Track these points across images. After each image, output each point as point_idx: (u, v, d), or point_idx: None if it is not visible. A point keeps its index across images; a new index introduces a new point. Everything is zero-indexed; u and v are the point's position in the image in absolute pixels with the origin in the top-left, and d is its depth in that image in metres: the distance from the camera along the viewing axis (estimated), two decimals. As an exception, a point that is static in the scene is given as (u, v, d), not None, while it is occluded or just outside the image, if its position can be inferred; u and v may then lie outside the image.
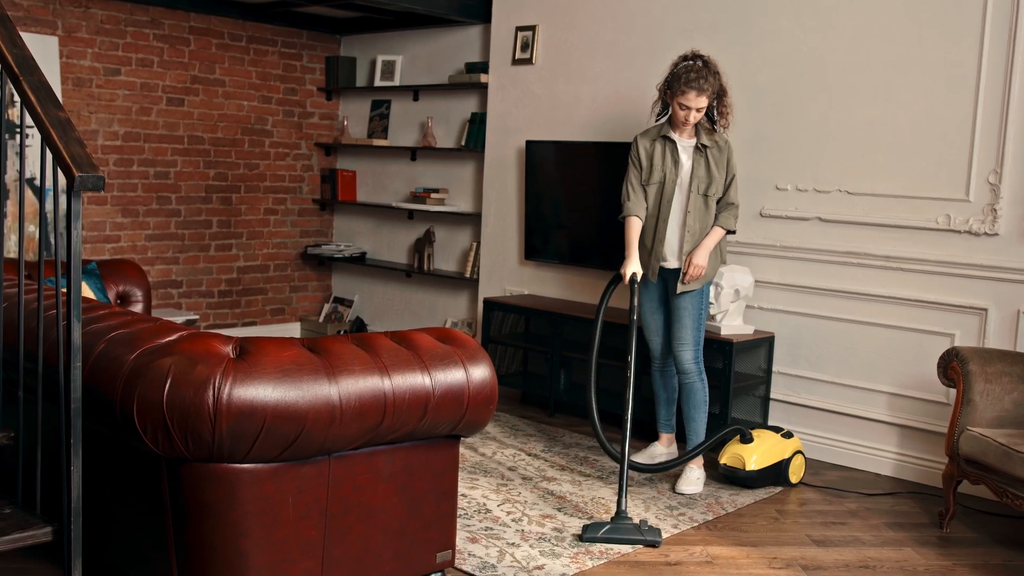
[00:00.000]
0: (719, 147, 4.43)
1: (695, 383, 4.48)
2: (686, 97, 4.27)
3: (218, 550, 2.59)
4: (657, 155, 4.45)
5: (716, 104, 4.40)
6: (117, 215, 6.45)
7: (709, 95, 4.30)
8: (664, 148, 4.44)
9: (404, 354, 2.82)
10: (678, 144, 4.42)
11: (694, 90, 4.26)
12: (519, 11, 6.17)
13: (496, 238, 6.38)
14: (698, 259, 4.38)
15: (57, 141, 2.43)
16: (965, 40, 4.44)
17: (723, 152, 4.43)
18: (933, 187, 4.59)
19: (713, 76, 4.32)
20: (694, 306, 4.47)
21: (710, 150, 4.40)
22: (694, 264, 4.37)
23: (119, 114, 6.37)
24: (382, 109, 7.27)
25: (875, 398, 4.79)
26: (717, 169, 4.40)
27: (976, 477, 3.85)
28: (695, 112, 4.31)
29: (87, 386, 2.58)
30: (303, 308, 7.62)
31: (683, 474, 4.46)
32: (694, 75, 4.27)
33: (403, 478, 2.92)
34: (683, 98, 4.28)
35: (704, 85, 4.27)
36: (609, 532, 3.73)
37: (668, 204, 4.42)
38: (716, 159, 4.41)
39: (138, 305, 4.61)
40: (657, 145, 4.46)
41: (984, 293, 4.45)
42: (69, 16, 6.06)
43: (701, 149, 4.40)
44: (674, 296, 4.47)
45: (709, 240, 4.42)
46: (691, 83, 4.26)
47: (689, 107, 4.29)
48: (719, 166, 4.41)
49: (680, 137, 4.43)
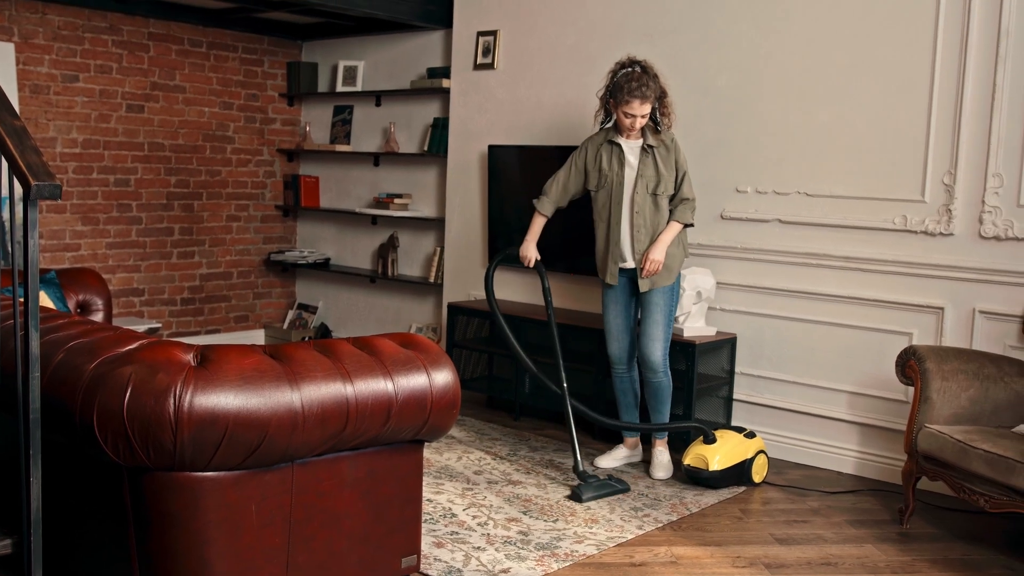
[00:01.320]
0: (666, 146, 4.50)
1: (663, 381, 4.58)
2: (630, 106, 4.36)
3: (181, 559, 2.57)
4: (604, 161, 4.53)
5: (658, 106, 4.47)
6: (77, 223, 6.39)
7: (652, 100, 4.39)
8: (611, 152, 4.52)
9: (366, 360, 2.82)
10: (624, 147, 4.50)
11: (638, 98, 4.35)
12: (480, 16, 6.19)
13: (460, 243, 6.39)
14: (653, 254, 4.45)
15: (12, 149, 2.41)
16: (918, 43, 4.52)
17: (671, 151, 4.50)
18: (890, 188, 4.65)
19: (653, 81, 4.41)
20: (665, 302, 4.54)
21: (657, 149, 4.47)
22: (650, 259, 4.44)
23: (78, 121, 6.31)
24: (344, 115, 7.26)
25: (836, 397, 4.85)
26: (665, 168, 4.47)
27: (935, 473, 3.91)
28: (640, 118, 4.39)
29: (46, 396, 2.56)
30: (267, 315, 7.58)
31: (653, 460, 4.63)
32: (636, 84, 4.35)
33: (367, 484, 2.92)
34: (627, 107, 4.37)
35: (647, 92, 4.36)
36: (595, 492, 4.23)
37: (619, 207, 4.50)
38: (663, 158, 4.47)
39: (99, 314, 4.57)
40: (603, 151, 4.54)
41: (940, 292, 4.52)
42: (25, 22, 6.00)
43: (648, 150, 4.47)
44: (641, 293, 4.53)
45: (666, 235, 4.49)
46: (634, 92, 4.35)
47: (634, 115, 4.37)
48: (667, 164, 4.48)
49: (626, 140, 4.50)
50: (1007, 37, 4.30)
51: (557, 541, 3.75)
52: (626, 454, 4.76)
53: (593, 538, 3.80)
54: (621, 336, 4.66)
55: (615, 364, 4.70)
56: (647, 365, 4.57)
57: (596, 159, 4.56)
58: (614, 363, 4.70)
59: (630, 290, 4.61)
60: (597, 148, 4.57)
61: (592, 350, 5.24)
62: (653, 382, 4.59)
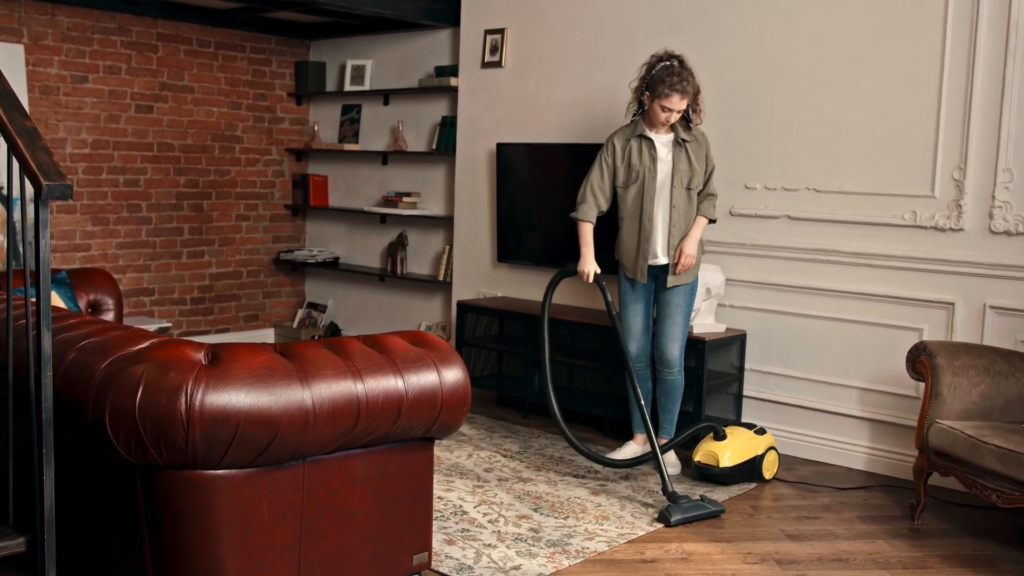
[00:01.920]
0: (698, 140, 4.52)
1: (677, 378, 4.60)
2: (670, 100, 4.33)
3: (194, 557, 2.58)
4: (634, 155, 4.50)
5: (691, 101, 4.46)
6: (87, 224, 6.41)
7: (690, 96, 4.38)
8: (642, 147, 4.49)
9: (376, 358, 2.83)
10: (655, 141, 4.47)
11: (678, 93, 4.32)
12: (488, 14, 6.19)
13: (469, 241, 6.39)
14: (688, 248, 4.47)
15: (24, 150, 2.42)
16: (927, 37, 4.50)
17: (702, 145, 4.53)
18: (899, 184, 4.64)
19: (691, 76, 4.39)
20: (685, 301, 4.56)
21: (689, 144, 4.47)
22: (685, 254, 4.46)
23: (87, 122, 6.34)
24: (352, 114, 7.27)
25: (846, 393, 4.84)
26: (697, 162, 4.49)
27: (946, 469, 3.90)
28: (676, 113, 4.38)
29: (58, 395, 2.57)
30: (277, 314, 7.59)
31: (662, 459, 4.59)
32: (676, 78, 4.32)
33: (378, 481, 2.93)
34: (666, 101, 4.33)
35: (687, 87, 4.34)
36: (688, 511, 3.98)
37: (651, 202, 4.48)
38: (695, 152, 4.49)
39: (110, 314, 4.59)
40: (633, 144, 4.50)
41: (951, 287, 4.51)
42: (35, 24, 6.02)
43: (681, 144, 4.47)
44: (663, 291, 4.54)
45: (696, 230, 4.52)
46: (675, 86, 4.31)
47: (672, 109, 4.35)
48: (699, 159, 4.50)
49: (657, 134, 4.48)
50: (1016, 31, 4.28)
51: (568, 538, 3.75)
52: (635, 450, 4.76)
53: (604, 535, 3.81)
54: (641, 335, 4.64)
55: (634, 362, 4.64)
56: (663, 362, 4.58)
57: (625, 154, 4.52)
58: (633, 361, 4.63)
59: (651, 288, 4.61)
60: (625, 143, 4.53)
61: (602, 348, 5.23)
62: (667, 379, 4.60)
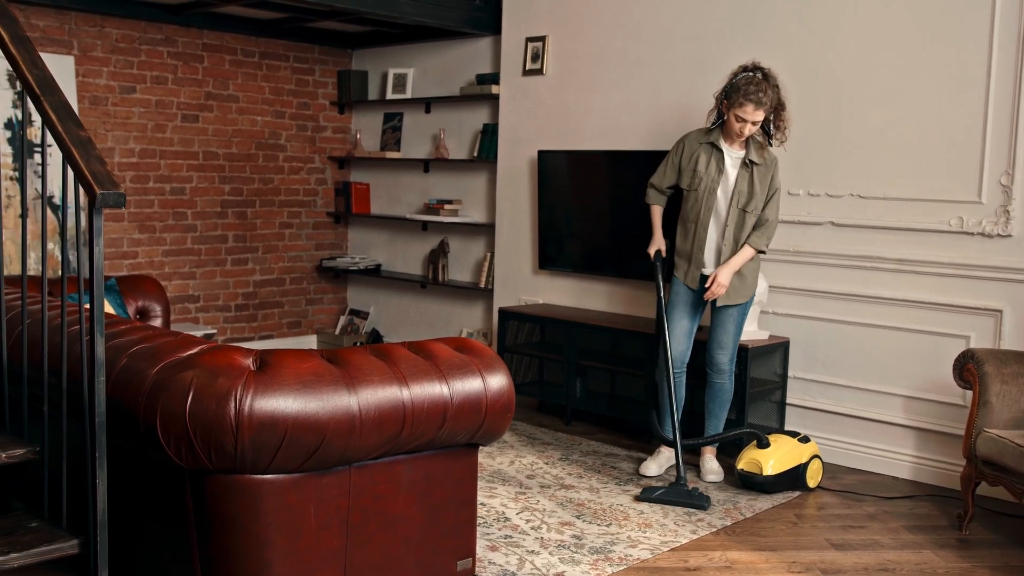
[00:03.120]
0: (766, 164, 4.40)
1: (726, 383, 4.59)
2: (743, 110, 4.23)
3: (242, 560, 2.62)
4: (702, 162, 4.44)
5: (773, 117, 4.35)
6: (134, 231, 6.51)
7: (767, 109, 4.26)
8: (711, 156, 4.43)
9: (422, 364, 2.85)
10: (726, 155, 4.41)
11: (752, 103, 4.22)
12: (529, 22, 6.21)
13: (510, 248, 6.41)
14: (722, 277, 4.39)
15: (78, 159, 2.48)
16: (973, 42, 4.46)
17: (769, 169, 4.41)
18: (945, 190, 4.59)
19: (773, 89, 4.27)
20: (740, 314, 4.54)
21: (757, 167, 4.38)
22: (718, 282, 4.38)
23: (135, 131, 6.44)
24: (394, 122, 7.32)
25: (891, 401, 4.79)
26: (760, 186, 4.40)
27: (994, 479, 3.85)
28: (751, 125, 4.28)
29: (110, 400, 2.62)
30: (319, 321, 7.66)
31: (704, 466, 4.65)
32: (753, 87, 4.22)
33: (423, 487, 2.95)
34: (740, 110, 4.24)
35: (763, 98, 4.23)
36: (663, 494, 4.18)
37: (708, 212, 4.44)
38: (761, 176, 4.40)
39: (157, 320, 4.65)
40: (703, 151, 4.45)
41: (999, 294, 4.46)
42: (84, 36, 6.14)
43: (748, 165, 4.38)
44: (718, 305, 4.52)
45: (736, 259, 4.42)
46: (750, 96, 4.22)
47: (746, 120, 4.26)
48: (762, 183, 4.40)
49: (729, 148, 4.41)
50: (1066, 35, 4.23)
51: (611, 545, 3.75)
52: (669, 456, 4.71)
53: (647, 542, 3.80)
54: (683, 339, 4.59)
55: (672, 364, 4.56)
56: (713, 367, 4.57)
57: (692, 158, 4.47)
58: (673, 364, 4.57)
59: (700, 294, 4.55)
60: (695, 148, 4.48)
61: (643, 356, 5.22)
62: (716, 383, 4.58)
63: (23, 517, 2.74)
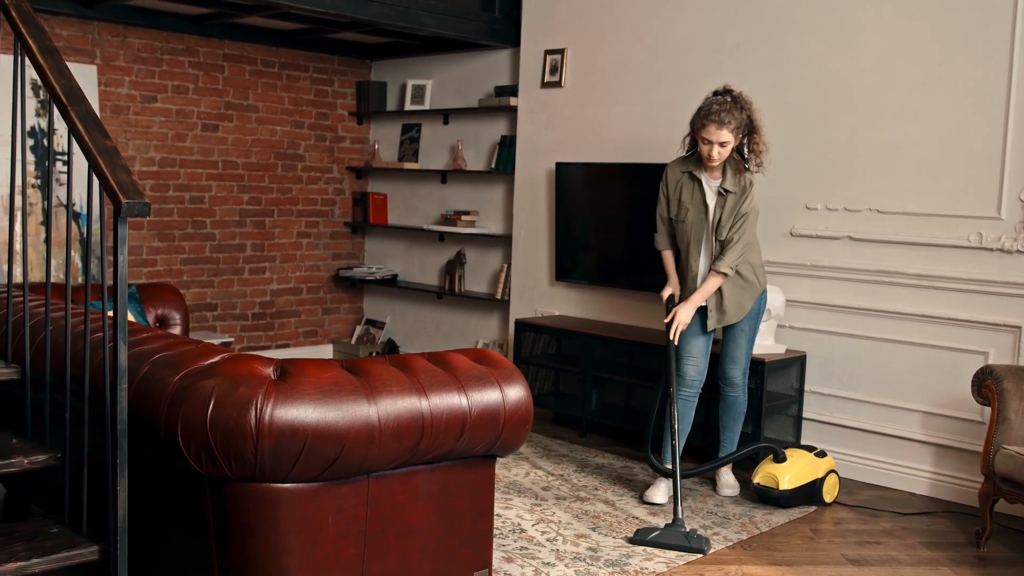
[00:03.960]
0: (743, 189, 4.30)
1: (739, 396, 4.58)
2: (707, 131, 4.19)
3: (260, 569, 2.63)
4: (685, 192, 4.40)
5: (747, 141, 4.28)
6: (154, 239, 6.56)
7: (732, 129, 4.17)
8: (692, 187, 4.39)
9: (441, 375, 2.86)
10: (705, 185, 4.36)
11: (714, 123, 4.16)
12: (548, 35, 6.24)
13: (526, 259, 6.43)
14: (682, 315, 4.33)
15: (104, 169, 2.50)
16: (993, 57, 4.45)
17: (743, 194, 4.30)
18: (964, 205, 4.58)
19: (740, 111, 4.21)
20: (750, 326, 4.51)
21: (731, 195, 4.30)
22: (678, 320, 4.33)
23: (155, 140, 6.49)
24: (412, 133, 7.35)
25: (909, 417, 4.77)
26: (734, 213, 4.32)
27: (1013, 496, 3.83)
28: (718, 147, 4.20)
29: (132, 408, 2.63)
30: (335, 330, 7.68)
31: (720, 480, 4.64)
32: (716, 107, 4.18)
33: (441, 497, 2.95)
34: (704, 132, 4.20)
35: (726, 119, 4.16)
36: (658, 536, 3.90)
37: (697, 244, 4.39)
38: (735, 202, 4.31)
39: (177, 328, 4.68)
40: (685, 181, 4.41)
41: (1018, 311, 4.44)
42: (107, 45, 6.19)
43: (723, 194, 4.31)
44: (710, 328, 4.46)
45: (697, 296, 4.35)
46: (711, 116, 4.17)
47: (711, 141, 4.19)
48: (734, 210, 4.31)
49: (708, 177, 4.37)
50: (1087, 51, 4.22)
51: (627, 558, 3.75)
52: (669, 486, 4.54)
53: (663, 556, 3.79)
54: (700, 357, 4.48)
55: (686, 386, 4.48)
56: (726, 381, 4.57)
57: (677, 189, 4.42)
58: (686, 384, 4.48)
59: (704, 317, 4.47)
60: (678, 179, 4.42)
61: (658, 368, 5.21)
62: (730, 396, 4.57)
63: (44, 523, 2.76)
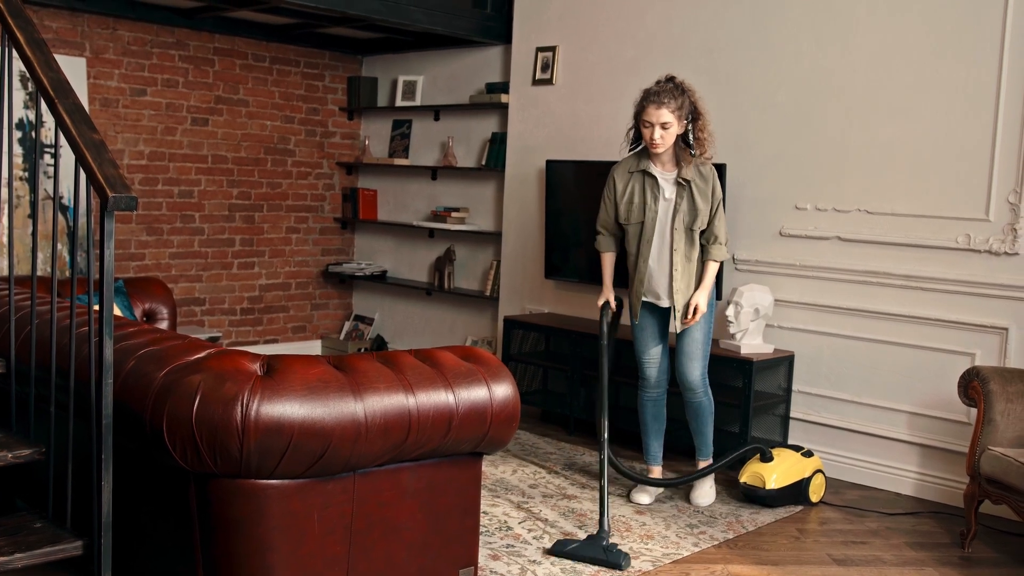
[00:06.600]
0: (703, 177, 4.25)
1: (703, 401, 4.42)
2: (647, 112, 4.13)
3: (245, 565, 2.62)
4: (636, 192, 4.29)
5: (692, 128, 4.20)
6: (142, 233, 6.53)
7: (672, 110, 4.11)
8: (644, 184, 4.28)
9: (428, 372, 2.86)
10: (659, 179, 4.26)
11: (653, 103, 4.11)
12: (539, 32, 6.23)
13: (516, 257, 6.42)
14: (701, 304, 4.25)
15: (91, 162, 2.49)
16: (984, 59, 4.46)
17: (708, 182, 4.25)
18: (953, 207, 4.60)
19: (680, 93, 4.15)
20: (705, 321, 4.34)
21: (695, 184, 4.23)
22: (700, 311, 4.25)
23: (144, 134, 6.46)
24: (403, 129, 7.34)
25: (895, 417, 4.79)
26: (702, 200, 4.23)
27: (998, 497, 3.85)
28: (659, 128, 4.12)
29: (117, 402, 2.62)
30: (324, 326, 7.67)
31: (696, 487, 4.49)
32: (655, 89, 4.16)
33: (427, 494, 2.95)
34: (645, 114, 4.14)
35: (665, 99, 4.10)
36: (576, 548, 3.72)
37: (648, 244, 4.27)
38: (700, 190, 4.23)
39: (164, 322, 4.67)
40: (635, 181, 4.30)
41: (1005, 312, 4.45)
42: (97, 38, 6.16)
43: (684, 184, 4.23)
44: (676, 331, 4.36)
45: (707, 280, 4.29)
46: (650, 96, 4.14)
47: (651, 123, 4.13)
48: (704, 198, 4.24)
49: (661, 170, 4.27)
50: (1076, 54, 4.23)
51: (612, 556, 3.75)
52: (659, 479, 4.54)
53: (649, 554, 3.80)
54: (659, 358, 4.45)
55: (649, 388, 4.49)
56: (685, 386, 4.39)
57: (627, 191, 4.31)
58: (649, 386, 4.49)
59: (663, 320, 4.42)
60: (627, 179, 4.32)
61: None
62: (693, 403, 4.42)
63: (27, 518, 2.75)
